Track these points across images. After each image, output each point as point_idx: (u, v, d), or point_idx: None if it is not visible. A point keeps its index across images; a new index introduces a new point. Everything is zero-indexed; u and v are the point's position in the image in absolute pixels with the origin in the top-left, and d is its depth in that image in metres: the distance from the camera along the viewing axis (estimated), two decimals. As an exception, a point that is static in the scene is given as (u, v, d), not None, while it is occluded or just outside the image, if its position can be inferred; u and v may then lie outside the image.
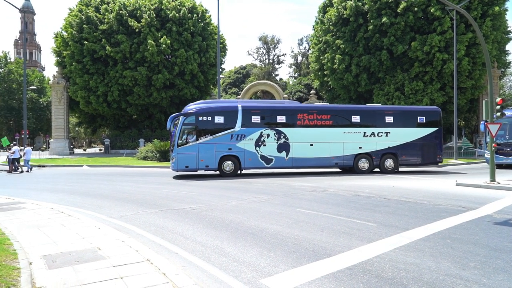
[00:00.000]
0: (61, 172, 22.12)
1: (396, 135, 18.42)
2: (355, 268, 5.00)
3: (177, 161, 16.83)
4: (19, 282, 4.37)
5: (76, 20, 37.39)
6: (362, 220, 7.76)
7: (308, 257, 5.48)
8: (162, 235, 6.84)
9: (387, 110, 19.19)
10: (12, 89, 66.98)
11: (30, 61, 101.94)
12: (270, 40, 72.12)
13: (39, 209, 9.31)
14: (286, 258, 5.45)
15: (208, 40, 40.06)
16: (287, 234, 6.73)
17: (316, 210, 8.95)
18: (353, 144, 18.05)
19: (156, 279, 4.53)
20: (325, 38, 36.72)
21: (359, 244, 6.06)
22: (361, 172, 18.10)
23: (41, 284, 4.39)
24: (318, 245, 6.06)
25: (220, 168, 17.14)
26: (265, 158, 17.35)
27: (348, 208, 9.17)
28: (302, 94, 56.06)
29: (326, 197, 11.00)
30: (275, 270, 4.98)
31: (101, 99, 37.94)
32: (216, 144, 16.95)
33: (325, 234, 6.69)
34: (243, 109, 17.31)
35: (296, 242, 6.25)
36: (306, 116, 17.78)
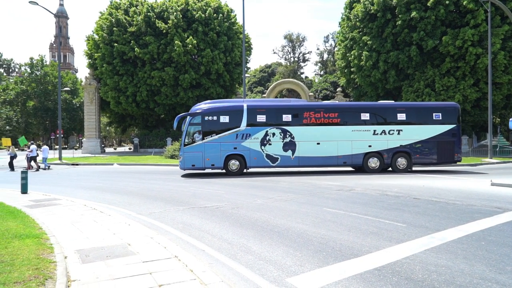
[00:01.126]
0: (93, 170, 22.95)
1: (409, 132, 17.67)
2: (384, 269, 4.89)
3: (184, 160, 17.22)
4: (56, 275, 4.58)
5: (107, 23, 38.61)
6: (391, 220, 7.58)
7: (335, 257, 5.41)
8: (189, 233, 6.96)
9: (399, 107, 18.34)
10: (48, 90, 70.12)
11: (64, 64, 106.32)
12: (295, 38, 71.65)
13: (73, 205, 9.71)
14: (312, 257, 5.41)
15: (234, 40, 40.33)
16: (313, 233, 6.68)
17: (343, 209, 8.83)
18: (362, 143, 17.53)
19: (184, 275, 4.62)
20: (352, 35, 36.08)
21: (387, 245, 5.92)
22: (371, 171, 17.56)
23: (76, 278, 4.58)
24: (345, 245, 5.98)
25: (226, 167, 17.31)
26: (270, 157, 17.33)
27: (376, 207, 8.99)
28: (328, 92, 55.35)
29: (353, 196, 10.83)
30: (301, 269, 4.96)
31: (130, 99, 39.01)
32: (221, 143, 17.15)
33: (352, 234, 6.59)
34: (248, 108, 17.36)
35: (323, 241, 6.19)
36: (312, 114, 17.50)
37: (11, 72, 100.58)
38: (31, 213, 8.57)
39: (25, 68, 74.04)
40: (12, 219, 7.75)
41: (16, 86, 71.27)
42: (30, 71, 71.48)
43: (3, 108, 69.60)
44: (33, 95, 70.50)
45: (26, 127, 73.23)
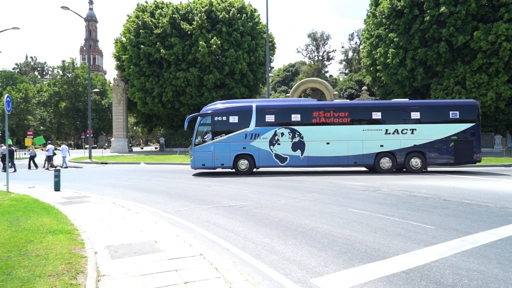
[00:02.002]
0: (121, 168, 23.61)
1: (424, 132, 17.09)
2: (412, 272, 4.76)
3: (194, 159, 17.59)
4: (86, 269, 4.75)
5: (134, 26, 39.61)
6: (419, 222, 7.37)
7: (360, 258, 5.32)
8: (214, 231, 7.03)
9: (413, 105, 17.70)
10: (79, 92, 72.74)
11: (94, 66, 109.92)
12: (320, 37, 70.91)
13: (102, 202, 10.03)
14: (337, 258, 5.35)
15: (257, 39, 40.41)
16: (338, 234, 6.60)
17: (369, 210, 8.66)
18: (374, 142, 17.13)
19: (209, 273, 4.68)
20: (378, 32, 35.33)
21: (415, 247, 5.77)
22: (383, 171, 17.14)
23: (105, 273, 4.73)
24: (371, 246, 5.87)
25: (235, 166, 17.51)
26: (279, 157, 17.32)
27: (403, 209, 8.77)
28: (353, 90, 54.46)
29: (379, 197, 10.61)
30: (326, 270, 4.91)
31: (156, 100, 39.85)
32: (231, 143, 17.33)
33: (378, 236, 6.46)
34: (257, 108, 17.45)
35: (348, 242, 6.10)
36: (322, 114, 17.34)
37: (44, 74, 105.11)
38: (64, 209, 8.92)
39: (58, 70, 77.16)
40: (46, 215, 8.10)
41: (49, 88, 74.41)
42: (62, 73, 74.41)
43: (38, 109, 72.83)
44: (65, 97, 73.32)
45: (58, 127, 76.33)
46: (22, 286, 4.11)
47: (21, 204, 9.50)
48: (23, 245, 5.65)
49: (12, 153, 23.07)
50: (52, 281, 4.26)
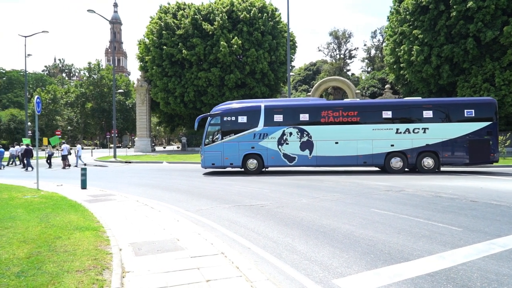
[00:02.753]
0: (145, 167, 24.10)
1: (437, 131, 16.64)
2: (437, 275, 4.64)
3: (204, 159, 17.96)
4: (112, 265, 4.88)
5: (156, 27, 40.32)
6: (445, 224, 7.16)
7: (384, 259, 5.23)
8: (235, 230, 7.07)
9: (425, 103, 17.18)
10: (104, 93, 74.80)
11: (118, 67, 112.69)
12: (341, 35, 69.99)
13: (126, 201, 10.28)
14: (360, 259, 5.27)
15: (278, 38, 40.32)
16: (360, 235, 6.50)
17: (392, 210, 8.49)
18: (384, 142, 16.85)
19: (230, 272, 4.71)
20: (401, 29, 34.52)
21: (441, 249, 5.61)
22: (393, 171, 16.82)
23: (130, 269, 4.84)
24: (394, 247, 5.75)
25: (244, 165, 17.70)
26: (287, 157, 17.36)
27: (429, 210, 8.54)
28: (376, 89, 53.48)
29: (403, 197, 10.37)
30: (348, 271, 4.85)
31: (179, 100, 40.43)
32: (240, 143, 17.57)
33: (402, 237, 6.32)
34: (265, 108, 17.59)
35: (370, 243, 6.00)
36: (331, 113, 17.23)
37: (72, 76, 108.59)
38: (90, 207, 9.19)
39: (84, 72, 79.63)
40: (73, 212, 8.37)
41: (76, 89, 76.86)
42: (88, 75, 76.73)
43: (65, 109, 75.35)
44: (91, 97, 75.53)
45: (85, 127, 78.75)
46: (52, 280, 4.26)
47: (50, 201, 9.87)
48: (52, 241, 5.86)
49: (31, 152, 24.10)
50: (79, 276, 4.40)
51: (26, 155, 23.98)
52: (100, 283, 4.25)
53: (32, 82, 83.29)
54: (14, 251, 5.33)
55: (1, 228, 6.68)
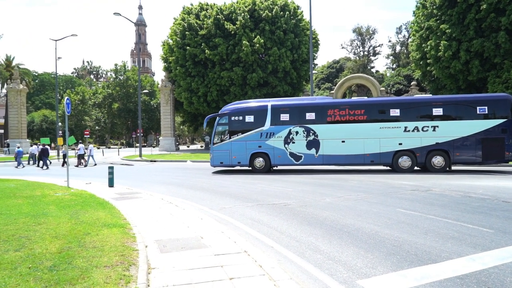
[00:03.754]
0: (169, 166, 24.54)
1: (447, 129, 16.16)
2: (467, 278, 4.48)
3: (213, 157, 18.40)
4: (138, 262, 5.00)
5: (180, 28, 40.91)
6: (475, 225, 6.91)
7: (410, 261, 5.10)
8: (258, 229, 7.09)
9: (435, 101, 16.82)
10: (129, 93, 76.67)
11: (143, 68, 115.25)
12: (365, 31, 68.71)
13: (152, 199, 10.51)
14: (385, 260, 5.17)
15: (300, 37, 40.03)
16: (385, 235, 6.37)
17: (419, 211, 8.27)
18: (392, 140, 16.55)
19: (253, 270, 4.73)
20: (428, 24, 33.49)
21: (471, 251, 5.41)
22: (402, 170, 16.48)
23: (155, 266, 4.95)
24: (421, 249, 5.60)
25: (251, 164, 17.96)
26: (294, 155, 17.43)
27: (457, 210, 8.26)
28: (402, 86, 52.19)
29: (430, 197, 10.08)
30: (373, 272, 4.77)
31: (202, 99, 40.89)
32: (247, 142, 17.82)
33: (429, 238, 6.15)
34: (272, 108, 17.74)
35: (396, 244, 5.87)
36: (337, 112, 17.14)
37: (99, 77, 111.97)
38: (117, 204, 9.45)
39: (111, 73, 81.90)
40: (101, 209, 8.64)
41: (103, 90, 79.17)
42: (114, 76, 78.86)
43: (93, 110, 77.78)
44: (117, 98, 77.61)
45: (111, 127, 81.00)
46: (81, 275, 4.42)
47: (80, 199, 10.22)
48: (81, 237, 6.08)
49: (47, 151, 25.16)
50: (107, 272, 4.54)
51: (42, 154, 25.18)
52: (127, 279, 4.36)
53: (62, 84, 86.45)
54: (47, 246, 5.56)
55: (35, 224, 6.98)
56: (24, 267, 4.66)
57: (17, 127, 46.26)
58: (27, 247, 5.53)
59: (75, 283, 4.17)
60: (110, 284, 4.18)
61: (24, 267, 4.67)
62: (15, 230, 6.54)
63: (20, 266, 4.71)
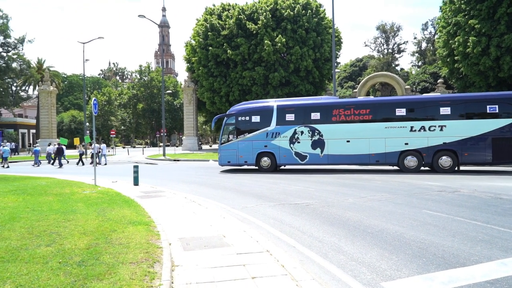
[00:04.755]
0: (192, 165, 24.87)
1: (455, 128, 15.72)
2: (498, 283, 4.31)
3: (220, 157, 18.92)
4: (162, 259, 5.10)
5: (202, 29, 41.36)
6: (506, 228, 6.64)
7: (437, 264, 4.96)
8: (280, 228, 7.08)
9: (443, 100, 16.43)
10: (153, 94, 78.18)
11: (166, 69, 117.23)
12: (389, 28, 67.16)
13: (175, 197, 10.68)
14: (410, 262, 5.05)
15: (323, 35, 39.64)
16: (411, 237, 6.22)
17: (446, 212, 8.02)
18: (397, 140, 16.33)
19: (275, 270, 4.73)
20: (456, 19, 32.40)
21: (502, 255, 5.21)
22: (408, 170, 16.23)
23: (178, 263, 5.03)
24: (448, 251, 5.43)
25: (258, 163, 18.25)
26: (299, 155, 17.58)
27: (487, 212, 7.96)
28: (428, 84, 50.75)
29: (458, 198, 9.76)
30: (398, 274, 4.67)
31: (224, 99, 41.20)
32: (253, 142, 18.17)
33: (457, 240, 5.96)
34: (278, 108, 17.95)
35: (422, 246, 5.72)
36: (342, 111, 17.15)
37: (124, 78, 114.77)
38: (141, 202, 9.67)
39: (135, 74, 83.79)
40: (127, 207, 8.86)
41: (129, 91, 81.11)
42: (139, 77, 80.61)
43: (119, 110, 79.82)
44: (142, 98, 79.30)
45: (136, 127, 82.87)
46: (108, 270, 4.55)
47: (106, 196, 10.52)
48: (108, 234, 6.25)
49: (62, 151, 26.40)
50: (133, 268, 4.65)
51: (58, 153, 26.32)
52: (152, 275, 4.46)
53: (89, 85, 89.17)
54: (76, 242, 5.76)
55: (65, 220, 7.24)
56: (55, 262, 4.84)
57: (48, 127, 48.08)
58: (57, 242, 5.75)
59: (102, 279, 4.30)
60: (136, 280, 4.28)
61: (55, 261, 4.86)
62: (46, 226, 6.81)
63: (51, 260, 4.90)
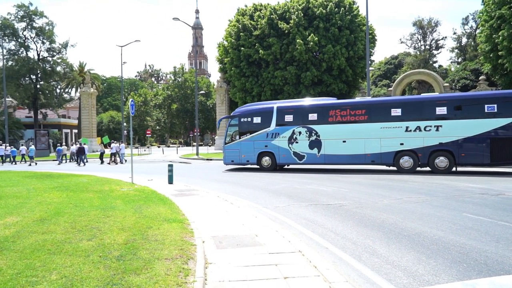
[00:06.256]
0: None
1: (451, 128, 15.42)
2: (547, 292, 4.04)
3: (225, 156, 20.08)
4: (195, 256, 5.21)
5: (234, 30, 41.75)
6: (557, 234, 6.20)
7: (479, 270, 4.73)
8: (312, 229, 7.02)
9: (439, 99, 16.10)
10: (187, 94, 79.90)
11: (200, 70, 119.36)
12: (427, 24, 64.58)
13: (208, 196, 10.87)
14: (450, 268, 4.84)
15: (356, 33, 38.80)
16: (450, 241, 5.96)
17: (489, 216, 7.61)
18: (393, 140, 16.31)
19: (308, 271, 4.70)
20: (500, 12, 30.61)
21: (552, 263, 4.87)
22: (404, 171, 16.19)
23: (212, 261, 5.13)
24: (492, 257, 5.16)
25: (259, 163, 19.02)
26: (297, 155, 18.11)
27: (535, 217, 7.47)
28: (468, 81, 48.36)
29: (502, 202, 9.23)
30: (436, 279, 4.49)
31: (256, 99, 41.34)
32: (254, 142, 19.02)
33: (501, 246, 5.64)
34: (277, 109, 18.66)
35: (462, 251, 5.47)
36: (338, 112, 17.43)
37: (159, 80, 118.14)
38: (176, 200, 9.92)
39: (170, 76, 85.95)
40: (162, 205, 9.13)
41: (163, 92, 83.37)
42: (173, 78, 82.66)
43: (154, 111, 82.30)
44: (176, 99, 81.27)
45: (171, 127, 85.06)
46: (145, 265, 4.72)
47: (143, 194, 10.89)
48: (144, 230, 6.48)
49: (83, 150, 27.77)
50: (168, 264, 4.79)
51: (79, 152, 27.77)
52: (186, 272, 4.57)
53: (127, 87, 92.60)
54: (115, 237, 6.01)
55: (104, 216, 7.58)
56: (96, 256, 5.08)
57: (89, 127, 50.43)
58: (97, 237, 6.03)
59: (140, 273, 4.46)
60: (171, 276, 4.41)
61: (95, 255, 5.10)
62: (87, 221, 7.16)
63: (92, 254, 5.15)
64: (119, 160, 28.73)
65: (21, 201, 9.65)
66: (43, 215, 7.76)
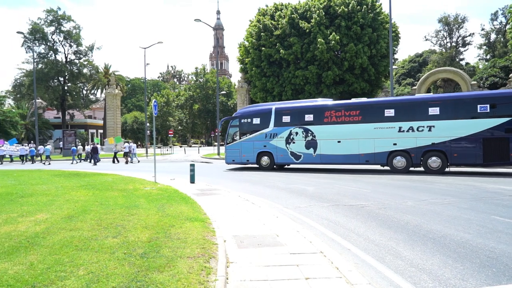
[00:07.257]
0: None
1: (443, 128, 15.45)
2: None
3: (226, 156, 20.93)
4: (217, 255, 5.26)
5: (255, 30, 41.82)
6: None
7: (509, 275, 4.55)
8: (334, 230, 6.95)
9: (432, 100, 16.14)
10: (209, 94, 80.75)
11: (221, 70, 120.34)
12: (453, 20, 62.61)
13: (229, 195, 10.94)
14: (478, 272, 4.68)
15: (379, 31, 38.08)
16: (478, 245, 5.76)
17: (520, 220, 7.31)
18: (386, 141, 16.52)
19: (329, 272, 4.65)
20: (533, 7, 29.33)
21: None
22: (397, 170, 16.38)
23: (233, 260, 5.16)
24: (523, 262, 4.95)
25: (258, 162, 19.72)
26: (294, 154, 18.67)
27: None
28: (497, 78, 46.49)
29: (534, 205, 8.84)
30: (463, 284, 4.36)
31: (277, 99, 41.27)
32: (254, 142, 19.72)
33: (533, 251, 5.40)
34: (275, 110, 19.28)
35: (491, 255, 5.28)
36: (333, 113, 17.78)
37: (181, 81, 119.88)
38: (198, 200, 10.04)
39: (192, 76, 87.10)
40: (184, 204, 9.26)
41: (185, 92, 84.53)
42: (195, 79, 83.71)
43: (176, 111, 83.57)
44: (198, 99, 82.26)
45: (192, 127, 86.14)
46: (168, 263, 4.80)
47: (165, 193, 11.08)
48: (167, 229, 6.59)
49: (97, 149, 28.80)
50: (190, 262, 4.86)
51: (92, 152, 28.87)
52: (208, 271, 4.62)
53: (150, 87, 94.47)
54: (138, 235, 6.15)
55: (128, 215, 7.76)
56: (120, 253, 5.21)
57: (113, 127, 51.77)
58: (122, 234, 6.18)
59: (163, 271, 4.54)
60: (193, 274, 4.47)
61: (120, 252, 5.23)
62: (112, 219, 7.35)
63: (117, 251, 5.29)
64: (130, 159, 29.51)
65: (50, 199, 10.03)
66: (71, 213, 8.04)
